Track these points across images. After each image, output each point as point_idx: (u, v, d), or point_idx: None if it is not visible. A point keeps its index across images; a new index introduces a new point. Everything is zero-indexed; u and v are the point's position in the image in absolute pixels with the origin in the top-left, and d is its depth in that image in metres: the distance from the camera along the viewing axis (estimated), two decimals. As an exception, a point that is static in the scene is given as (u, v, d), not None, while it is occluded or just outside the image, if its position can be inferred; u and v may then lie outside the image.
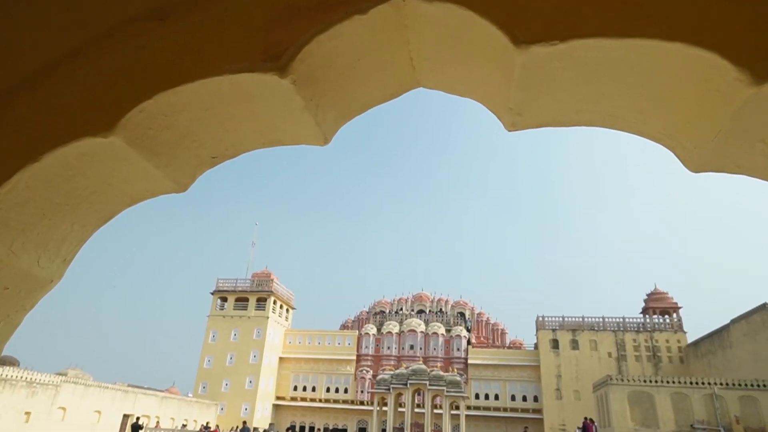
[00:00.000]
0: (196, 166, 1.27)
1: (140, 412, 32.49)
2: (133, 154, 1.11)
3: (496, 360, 44.76)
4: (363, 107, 1.22)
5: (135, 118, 1.06)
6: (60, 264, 1.27)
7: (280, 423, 44.29)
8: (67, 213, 1.18)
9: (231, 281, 48.03)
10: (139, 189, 1.24)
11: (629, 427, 21.44)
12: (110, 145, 1.07)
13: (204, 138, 1.18)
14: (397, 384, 23.00)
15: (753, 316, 29.98)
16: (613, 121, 1.06)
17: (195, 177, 1.29)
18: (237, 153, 1.28)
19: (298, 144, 1.22)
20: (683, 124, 0.97)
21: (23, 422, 20.99)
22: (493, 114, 1.13)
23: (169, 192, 1.28)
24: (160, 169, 1.18)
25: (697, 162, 1.00)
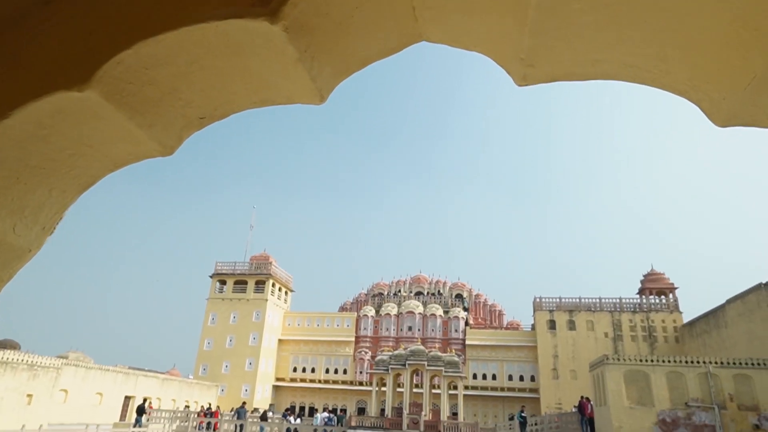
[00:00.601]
0: (182, 127, 1.18)
1: (141, 393, 32.78)
2: (113, 112, 1.02)
3: (493, 341, 45.19)
4: (362, 62, 1.13)
5: (113, 70, 0.97)
6: (39, 232, 1.19)
7: (280, 404, 44.83)
8: (44, 177, 1.10)
9: (229, 264, 48.13)
10: (121, 151, 1.16)
11: (624, 405, 21.71)
12: (86, 100, 0.98)
13: (190, 95, 1.09)
14: (396, 365, 23.18)
15: (748, 296, 30.21)
16: (632, 72, 0.97)
17: (182, 139, 1.20)
18: (227, 113, 1.19)
19: (293, 102, 1.13)
20: (712, 72, 0.89)
21: (25, 404, 21.15)
22: (501, 68, 1.04)
23: (154, 155, 1.19)
24: (144, 130, 1.09)
25: (726, 114, 0.92)
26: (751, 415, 20.81)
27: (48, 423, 20.71)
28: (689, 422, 21.10)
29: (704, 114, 0.94)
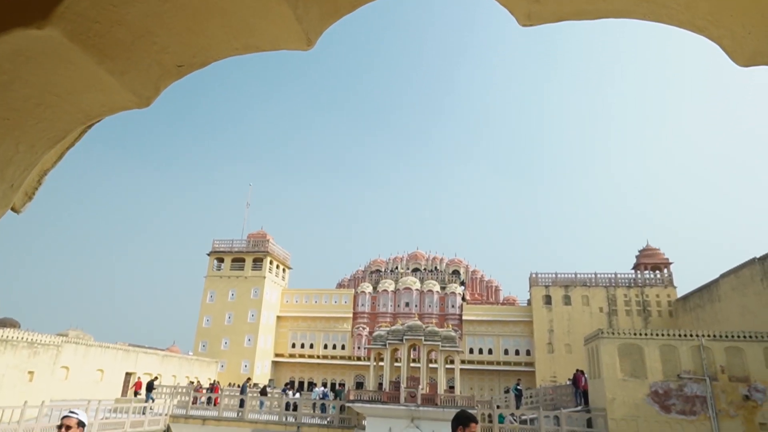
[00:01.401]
0: (159, 75, 1.09)
1: (142, 370, 33.15)
2: (80, 55, 0.93)
3: (489, 316, 45.69)
4: (351, 4, 1.04)
5: (76, 6, 0.87)
6: (6, 190, 1.12)
7: (279, 379, 45.46)
8: (8, 129, 1.01)
9: (227, 242, 48.16)
10: (92, 102, 1.07)
11: (618, 378, 22.08)
12: (48, 40, 0.89)
13: (165, 39, 1.00)
14: (393, 340, 23.39)
15: (742, 270, 30.47)
16: (648, 8, 0.88)
17: (159, 89, 1.11)
18: (207, 60, 1.10)
19: (278, 48, 1.04)
20: (736, 4, 0.80)
21: (27, 381, 21.35)
22: (504, 7, 0.95)
23: (129, 107, 1.11)
24: (116, 77, 1.00)
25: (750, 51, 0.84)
26: (742, 386, 21.21)
27: (50, 399, 20.93)
28: (681, 393, 21.51)
29: (725, 52, 0.86)
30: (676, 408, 21.31)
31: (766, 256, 28.14)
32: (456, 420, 4.32)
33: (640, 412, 21.37)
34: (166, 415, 23.90)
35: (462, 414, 4.35)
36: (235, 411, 24.67)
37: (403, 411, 21.28)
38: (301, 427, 23.47)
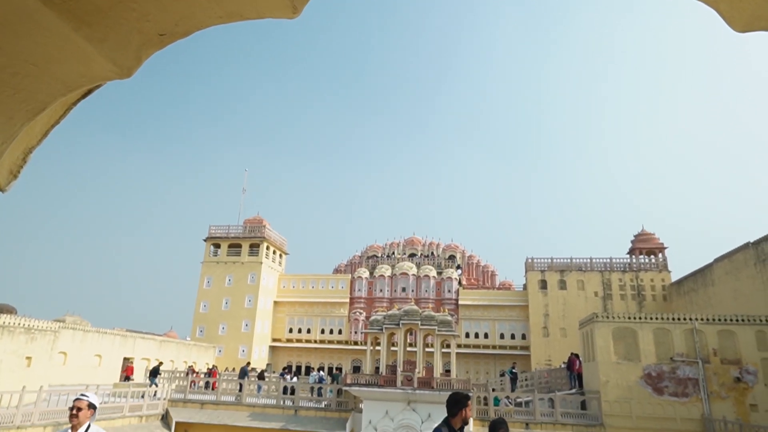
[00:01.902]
0: (140, 44, 1.05)
1: (140, 355, 33.31)
2: (55, 21, 0.89)
3: (485, 301, 46.00)
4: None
5: (49, -32, 0.84)
6: (-14, 162, 1.09)
7: (277, 363, 45.81)
8: (-16, 99, 0.98)
9: (223, 228, 48.10)
10: (71, 72, 1.03)
11: (612, 361, 22.36)
12: (22, 4, 0.85)
13: (145, 6, 0.96)
14: (390, 324, 23.54)
15: (736, 255, 30.70)
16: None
17: (140, 59, 1.07)
18: (189, 29, 1.06)
19: (263, 16, 1.00)
20: (733, -34, 0.77)
21: (25, 366, 21.41)
22: None
23: (110, 77, 1.07)
24: (95, 45, 0.97)
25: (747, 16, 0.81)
26: (733, 369, 21.53)
27: (48, 384, 21.02)
28: (673, 376, 21.82)
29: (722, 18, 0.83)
30: (669, 390, 21.63)
31: (759, 241, 28.34)
32: (456, 404, 4.35)
33: (633, 394, 21.68)
34: (165, 399, 24.08)
35: (459, 396, 4.38)
36: (233, 395, 24.88)
37: (399, 394, 21.51)
38: (298, 410, 23.71)
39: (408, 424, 21.19)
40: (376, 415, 21.68)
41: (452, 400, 4.36)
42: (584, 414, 22.10)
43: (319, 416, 23.41)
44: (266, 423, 22.89)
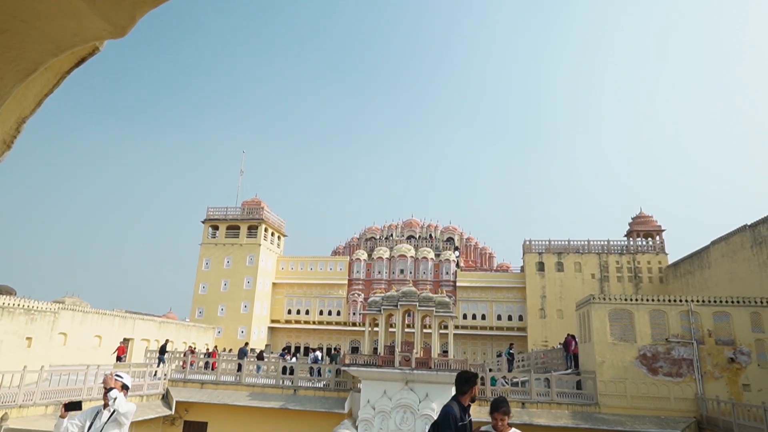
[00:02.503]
0: (134, 2, 1.01)
1: (139, 336, 33.55)
2: (45, -27, 0.86)
3: (483, 282, 46.27)
4: None
5: None
6: (-23, 125, 1.06)
7: (276, 344, 46.24)
8: (-27, 59, 0.94)
9: (221, 210, 48.05)
10: (63, 30, 0.99)
11: (608, 341, 22.59)
12: (9, -46, 0.81)
13: (139, -40, 0.92)
14: (388, 305, 23.68)
15: (733, 237, 30.82)
16: None
17: (135, 18, 1.03)
18: (185, -14, 1.02)
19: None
20: None
21: (25, 347, 21.54)
22: None
23: (103, 36, 1.03)
24: (87, 1, 0.93)
25: None
26: (728, 350, 21.78)
27: (49, 364, 21.17)
28: (668, 356, 22.08)
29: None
30: (663, 370, 21.91)
31: (756, 223, 28.43)
32: (467, 382, 4.40)
33: (628, 374, 21.97)
34: (165, 379, 24.32)
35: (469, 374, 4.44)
36: (232, 375, 25.13)
37: (397, 374, 21.75)
38: (297, 390, 23.99)
39: (406, 404, 21.47)
40: (374, 395, 21.95)
41: (462, 378, 4.42)
42: (580, 393, 22.41)
43: (318, 396, 23.70)
44: (265, 402, 23.17)
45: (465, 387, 4.37)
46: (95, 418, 4.00)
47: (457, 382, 4.43)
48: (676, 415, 20.94)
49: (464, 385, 4.38)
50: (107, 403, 4.00)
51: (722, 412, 19.27)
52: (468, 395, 4.36)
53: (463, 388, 4.37)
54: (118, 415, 3.95)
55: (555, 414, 21.48)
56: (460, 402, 4.36)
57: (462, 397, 4.36)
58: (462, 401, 4.35)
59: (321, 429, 21.78)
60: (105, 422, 3.93)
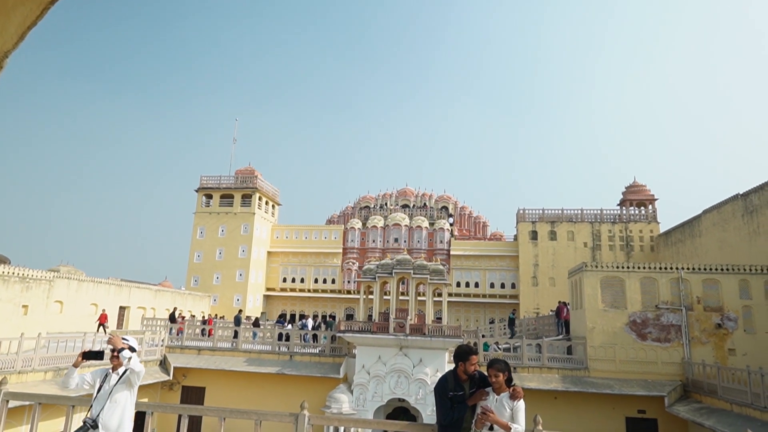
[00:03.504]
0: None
1: (135, 304, 33.74)
2: None
3: (477, 251, 46.66)
4: None
5: None
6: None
7: (272, 312, 46.72)
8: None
9: (215, 178, 47.69)
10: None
11: (599, 308, 23.00)
12: None
13: None
14: (383, 273, 23.85)
15: (725, 206, 31.06)
16: None
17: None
18: None
19: None
20: None
21: (22, 315, 21.64)
22: None
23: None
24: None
25: None
26: (715, 316, 22.26)
27: (46, 332, 21.31)
28: (657, 322, 22.55)
29: None
30: (652, 336, 22.42)
31: (748, 192, 28.61)
32: (456, 356, 4.47)
33: (617, 340, 22.47)
34: (162, 346, 24.59)
35: (460, 349, 4.48)
36: (229, 342, 25.45)
37: (392, 340, 22.11)
38: (293, 356, 24.38)
39: (400, 369, 21.91)
40: (369, 360, 22.36)
41: (456, 351, 4.51)
42: (570, 359, 22.94)
43: (313, 361, 24.12)
44: (262, 368, 23.57)
45: (456, 360, 4.44)
46: (104, 380, 4.03)
47: (453, 355, 4.52)
48: (663, 379, 21.56)
49: (456, 358, 4.46)
50: (116, 365, 4.02)
51: (707, 376, 19.85)
52: (459, 370, 4.41)
53: (456, 361, 4.45)
54: (132, 375, 3.98)
55: (545, 378, 22.04)
56: (457, 374, 4.42)
57: (458, 369, 4.43)
58: (458, 373, 4.41)
59: (317, 393, 22.25)
60: (114, 384, 3.95)
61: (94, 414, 3.88)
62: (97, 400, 3.95)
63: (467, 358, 4.38)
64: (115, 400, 3.91)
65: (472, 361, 4.38)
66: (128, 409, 4.02)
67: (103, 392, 3.95)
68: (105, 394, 3.93)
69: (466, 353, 4.41)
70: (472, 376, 4.42)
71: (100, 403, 3.91)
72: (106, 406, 3.89)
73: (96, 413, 3.88)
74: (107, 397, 3.91)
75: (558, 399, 21.74)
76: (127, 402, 4.00)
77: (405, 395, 21.75)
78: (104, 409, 3.88)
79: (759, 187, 27.65)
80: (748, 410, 16.64)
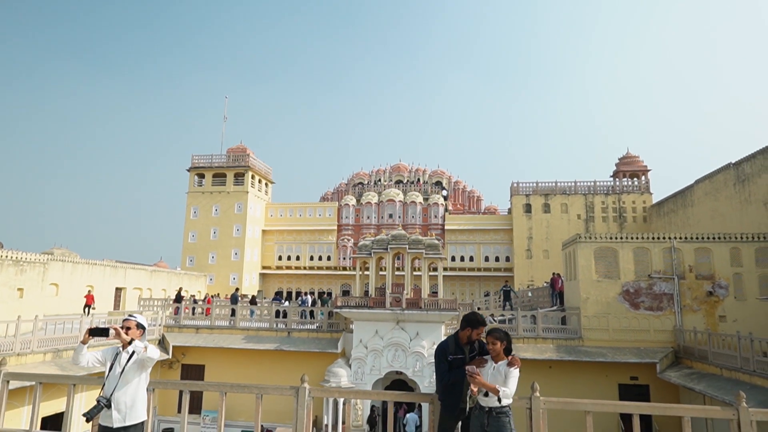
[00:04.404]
0: None
1: (131, 285, 33.78)
2: None
3: (471, 225, 46.85)
4: None
5: None
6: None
7: (268, 290, 46.96)
8: None
9: (206, 157, 47.24)
10: None
11: (593, 279, 23.27)
12: None
13: None
14: (378, 249, 23.93)
15: (717, 175, 31.20)
16: None
17: None
18: None
19: None
20: None
21: (17, 298, 21.58)
22: None
23: None
24: None
25: None
26: (707, 284, 22.60)
27: (43, 314, 21.32)
28: (650, 291, 22.88)
29: None
30: (645, 305, 22.77)
31: (741, 161, 28.71)
32: (466, 321, 4.53)
33: (611, 310, 22.82)
34: (160, 325, 24.72)
35: (474, 317, 4.54)
36: (226, 320, 25.60)
37: (388, 314, 22.33)
38: (291, 332, 24.60)
39: (397, 342, 22.20)
40: (366, 335, 22.62)
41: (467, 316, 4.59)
42: (564, 329, 23.31)
43: (311, 337, 24.36)
44: (260, 345, 23.79)
45: (465, 325, 4.53)
46: (115, 359, 4.05)
47: (463, 318, 4.62)
48: (655, 347, 21.99)
49: (465, 323, 4.54)
50: (125, 344, 4.03)
51: (698, 342, 20.26)
52: (464, 333, 4.50)
53: (464, 326, 4.53)
54: (147, 360, 4.03)
55: (540, 348, 22.42)
56: (459, 338, 4.50)
57: (461, 333, 4.51)
58: (460, 337, 4.50)
59: (315, 368, 22.54)
60: (125, 364, 3.98)
61: (107, 393, 3.92)
62: (109, 380, 3.99)
63: (477, 326, 4.48)
64: (127, 380, 3.96)
65: (480, 330, 4.49)
66: (141, 389, 4.07)
67: (114, 372, 3.98)
68: (116, 374, 3.97)
69: (478, 322, 4.51)
70: (472, 342, 4.52)
71: (113, 383, 3.95)
72: (118, 385, 3.93)
73: (109, 392, 3.92)
74: (119, 377, 3.95)
75: (553, 368, 22.17)
76: (139, 382, 4.05)
77: (402, 368, 22.10)
78: (117, 388, 3.93)
79: (751, 155, 27.75)
80: (738, 374, 17.05)
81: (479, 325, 4.49)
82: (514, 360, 4.20)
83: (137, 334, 4.08)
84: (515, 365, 4.16)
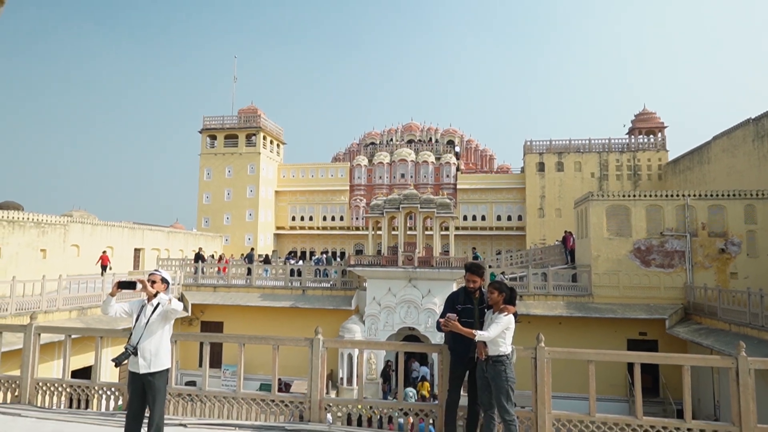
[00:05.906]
0: None
1: (149, 246, 34.57)
2: None
3: (483, 184, 46.64)
4: None
5: None
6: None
7: (282, 250, 47.76)
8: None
9: (218, 119, 47.16)
10: None
11: (604, 237, 23.31)
12: None
13: None
14: (390, 208, 24.11)
15: (735, 132, 30.45)
16: None
17: None
18: None
19: None
20: None
21: (41, 258, 22.30)
22: None
23: None
24: None
25: None
26: (719, 241, 22.52)
27: (66, 274, 22.07)
28: (662, 249, 22.89)
29: None
30: (656, 262, 22.84)
31: (760, 117, 27.94)
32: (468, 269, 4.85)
33: (621, 267, 22.94)
34: (179, 284, 25.48)
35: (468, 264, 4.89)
36: (243, 279, 26.28)
37: (401, 272, 22.74)
38: (306, 290, 25.23)
39: (410, 299, 22.69)
40: (379, 292, 23.13)
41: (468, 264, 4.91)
42: (575, 286, 23.56)
43: (325, 295, 24.98)
44: (276, 302, 24.49)
45: (468, 271, 4.82)
46: (141, 311, 4.33)
47: (465, 265, 4.92)
48: (665, 303, 22.20)
49: (468, 270, 4.82)
50: (151, 297, 4.31)
51: (708, 299, 20.40)
52: (467, 281, 4.80)
53: (467, 272, 4.83)
54: (172, 312, 4.29)
55: (550, 305, 22.78)
56: (467, 288, 4.78)
57: (468, 283, 4.80)
58: (468, 287, 4.79)
59: (330, 324, 23.22)
60: (150, 316, 4.26)
61: (134, 342, 4.24)
62: (135, 330, 4.30)
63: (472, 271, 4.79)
64: (152, 330, 4.26)
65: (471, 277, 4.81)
66: (165, 339, 4.38)
67: (140, 323, 4.28)
68: (142, 325, 4.26)
69: (479, 267, 4.81)
70: (482, 294, 4.79)
71: (138, 332, 4.26)
72: (143, 335, 4.24)
73: (135, 341, 4.24)
74: (144, 327, 4.24)
75: (562, 324, 22.58)
76: (163, 333, 4.35)
77: (415, 324, 22.68)
78: (142, 338, 4.23)
79: (772, 110, 26.96)
80: (746, 329, 17.24)
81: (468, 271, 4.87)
82: (504, 308, 4.47)
83: (162, 288, 4.34)
84: (504, 312, 4.44)
